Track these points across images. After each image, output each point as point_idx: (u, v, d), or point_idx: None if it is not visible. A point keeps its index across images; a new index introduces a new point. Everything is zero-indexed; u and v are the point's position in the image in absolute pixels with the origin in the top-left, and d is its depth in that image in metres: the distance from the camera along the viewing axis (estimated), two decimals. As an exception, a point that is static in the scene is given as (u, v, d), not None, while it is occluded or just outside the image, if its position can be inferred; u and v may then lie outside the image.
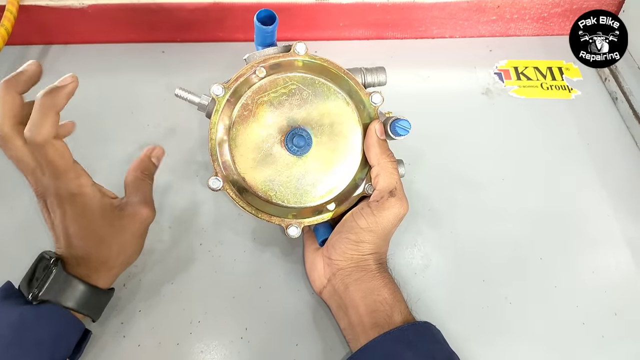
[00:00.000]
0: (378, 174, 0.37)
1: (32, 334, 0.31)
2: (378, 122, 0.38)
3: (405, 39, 0.62)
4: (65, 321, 0.33)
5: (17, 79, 0.32)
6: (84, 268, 0.34)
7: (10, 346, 0.30)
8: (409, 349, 0.33)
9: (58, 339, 0.32)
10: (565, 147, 0.52)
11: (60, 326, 0.32)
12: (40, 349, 0.31)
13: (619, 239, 0.45)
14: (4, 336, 0.30)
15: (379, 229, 0.36)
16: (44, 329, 0.31)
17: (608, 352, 0.39)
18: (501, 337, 0.40)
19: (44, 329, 0.31)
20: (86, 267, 0.34)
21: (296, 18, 0.58)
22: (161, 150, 0.38)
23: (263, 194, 0.37)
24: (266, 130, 0.37)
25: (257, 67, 0.37)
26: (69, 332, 0.33)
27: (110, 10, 0.56)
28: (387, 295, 0.35)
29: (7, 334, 0.30)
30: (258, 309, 0.40)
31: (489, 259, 0.44)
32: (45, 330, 0.31)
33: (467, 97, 0.56)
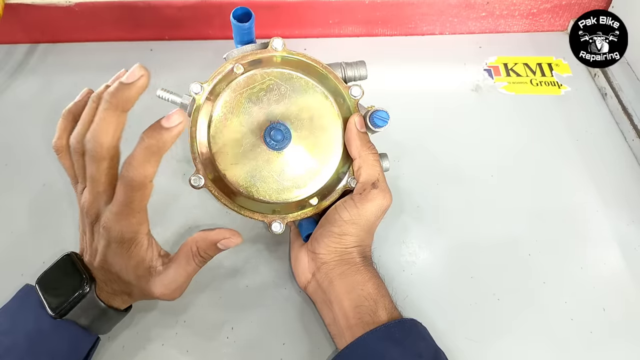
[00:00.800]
0: (360, 167, 0.37)
1: (47, 346, 0.31)
2: (358, 115, 0.38)
3: (395, 36, 0.62)
4: (81, 335, 0.32)
5: (126, 95, 0.28)
6: (109, 290, 0.33)
7: (24, 355, 0.30)
8: (395, 346, 0.32)
9: (72, 352, 0.32)
10: (554, 143, 0.52)
11: (76, 340, 0.32)
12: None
13: (608, 235, 0.45)
14: (19, 345, 0.30)
15: (362, 221, 0.36)
16: (60, 343, 0.31)
17: (597, 348, 0.39)
18: (489, 333, 0.40)
19: (60, 342, 0.31)
20: (111, 290, 0.33)
21: (284, 15, 0.58)
22: (234, 243, 0.33)
23: (245, 190, 0.37)
24: (246, 126, 0.37)
25: (235, 64, 0.37)
26: (83, 344, 0.33)
27: (97, 8, 0.56)
28: (371, 289, 0.35)
29: (22, 344, 0.30)
30: (244, 308, 0.40)
31: (477, 256, 0.44)
32: (60, 343, 0.31)
33: (457, 94, 0.56)
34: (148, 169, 0.28)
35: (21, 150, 0.49)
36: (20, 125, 0.51)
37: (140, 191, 0.29)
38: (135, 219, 0.30)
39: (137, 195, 0.29)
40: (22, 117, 0.52)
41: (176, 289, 0.33)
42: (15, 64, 0.56)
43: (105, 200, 0.30)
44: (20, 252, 0.42)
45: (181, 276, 0.33)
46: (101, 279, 0.33)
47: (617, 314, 0.41)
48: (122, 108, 0.28)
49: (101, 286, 0.33)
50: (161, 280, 0.33)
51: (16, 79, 0.55)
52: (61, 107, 0.51)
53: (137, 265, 0.32)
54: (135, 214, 0.30)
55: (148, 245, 0.33)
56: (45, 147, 0.49)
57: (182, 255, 0.33)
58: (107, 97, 0.28)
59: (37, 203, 0.45)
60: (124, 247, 0.31)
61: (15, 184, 0.47)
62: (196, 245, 0.33)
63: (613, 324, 0.40)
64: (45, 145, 0.49)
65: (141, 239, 0.32)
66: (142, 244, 0.32)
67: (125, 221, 0.30)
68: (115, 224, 0.30)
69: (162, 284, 0.33)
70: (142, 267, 0.33)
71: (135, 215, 0.30)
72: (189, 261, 0.33)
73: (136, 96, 0.28)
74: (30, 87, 0.54)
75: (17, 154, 0.49)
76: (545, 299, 0.41)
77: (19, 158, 0.48)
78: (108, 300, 0.33)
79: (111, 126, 0.28)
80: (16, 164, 0.48)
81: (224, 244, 0.33)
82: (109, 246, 0.31)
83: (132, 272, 0.32)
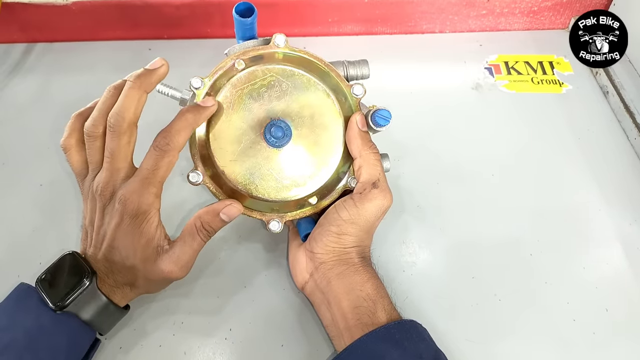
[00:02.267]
0: (360, 166, 0.37)
1: (47, 341, 0.31)
2: (359, 113, 0.37)
3: (395, 34, 0.61)
4: (81, 331, 0.32)
5: (149, 79, 0.33)
6: (111, 283, 0.34)
7: (24, 351, 0.30)
8: (395, 347, 0.32)
9: (72, 348, 0.32)
10: (555, 141, 0.51)
11: (75, 336, 0.32)
12: (54, 356, 0.31)
13: (610, 234, 0.45)
14: (18, 340, 0.30)
15: (361, 221, 0.35)
16: (60, 338, 0.31)
17: (599, 349, 0.39)
18: (491, 334, 0.39)
19: (60, 337, 0.31)
20: (113, 283, 0.34)
21: (284, 13, 0.58)
22: (236, 209, 0.35)
23: (243, 187, 0.36)
24: (246, 122, 0.36)
25: (236, 60, 0.36)
26: (83, 341, 0.33)
27: (94, 7, 0.55)
28: (370, 290, 0.35)
29: (22, 339, 0.30)
30: (243, 309, 0.40)
31: (478, 256, 0.43)
32: (60, 338, 0.31)
33: (458, 92, 0.56)
34: (182, 137, 0.33)
35: (19, 150, 0.49)
36: (18, 125, 0.51)
37: (169, 158, 0.32)
38: (155, 189, 0.33)
39: (165, 162, 0.32)
40: (20, 116, 0.52)
41: (183, 266, 0.34)
42: (12, 63, 0.56)
43: (122, 176, 0.33)
44: (17, 253, 0.42)
45: (187, 253, 0.34)
46: (103, 272, 0.33)
47: (620, 314, 0.40)
48: (145, 89, 0.33)
49: (103, 279, 0.33)
50: (169, 258, 0.34)
51: (13, 78, 0.55)
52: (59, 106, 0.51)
53: (146, 244, 0.33)
54: (157, 183, 0.33)
55: (158, 224, 0.34)
56: (43, 147, 0.49)
57: (187, 232, 0.35)
58: (132, 79, 0.33)
59: (35, 203, 0.45)
60: (137, 222, 0.33)
61: (12, 184, 0.46)
62: (200, 221, 0.35)
63: (616, 325, 0.40)
64: (43, 145, 0.49)
65: (153, 214, 0.33)
66: (154, 221, 0.33)
67: (146, 190, 0.32)
68: (133, 194, 0.32)
69: (169, 261, 0.34)
70: (150, 247, 0.34)
71: (156, 185, 0.33)
72: (194, 237, 0.34)
73: (157, 80, 0.34)
74: (28, 87, 0.54)
75: (14, 154, 0.48)
76: (547, 300, 0.41)
77: (16, 158, 0.48)
78: (109, 294, 0.33)
79: (133, 103, 0.32)
80: (14, 164, 0.48)
81: (226, 213, 0.34)
82: (121, 224, 0.33)
83: (139, 253, 0.33)
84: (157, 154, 0.32)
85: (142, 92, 0.33)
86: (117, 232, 0.33)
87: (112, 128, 0.32)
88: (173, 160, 0.33)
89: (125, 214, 0.32)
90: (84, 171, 0.35)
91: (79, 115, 0.35)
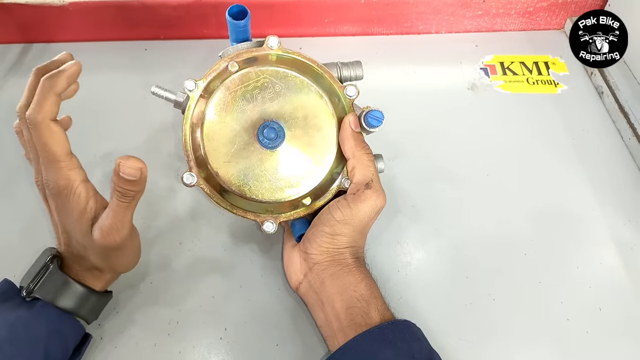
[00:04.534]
0: (354, 167, 0.37)
1: (26, 331, 0.31)
2: (352, 114, 0.38)
3: (391, 35, 0.61)
4: (60, 320, 0.33)
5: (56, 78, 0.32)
6: (78, 268, 0.34)
7: (4, 343, 0.30)
8: (388, 348, 0.32)
9: (52, 336, 0.32)
10: (550, 141, 0.51)
11: (54, 324, 0.32)
12: (34, 346, 0.31)
13: (604, 234, 0.45)
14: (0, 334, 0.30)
15: (355, 222, 0.36)
16: (38, 326, 0.31)
17: (593, 348, 0.39)
18: (485, 334, 0.39)
19: (38, 326, 0.31)
20: (80, 268, 0.34)
21: (280, 14, 0.58)
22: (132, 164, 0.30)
23: (237, 188, 0.36)
24: (239, 124, 0.37)
25: (229, 62, 0.37)
26: (65, 331, 0.33)
27: (91, 8, 0.55)
28: (363, 291, 0.35)
29: (2, 332, 0.31)
30: (238, 308, 0.40)
31: (473, 256, 0.43)
32: (39, 327, 0.31)
33: (453, 93, 0.56)
34: (44, 106, 0.31)
35: (14, 151, 0.49)
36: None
37: (46, 131, 0.31)
38: (62, 162, 0.32)
39: (46, 134, 0.31)
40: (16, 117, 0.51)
41: (110, 231, 0.32)
42: (9, 63, 0.56)
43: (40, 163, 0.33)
44: (11, 253, 0.42)
45: (110, 217, 0.32)
46: (69, 258, 0.34)
47: (613, 314, 0.40)
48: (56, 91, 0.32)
49: (69, 264, 0.34)
50: (97, 225, 0.32)
51: (10, 78, 0.55)
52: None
53: (79, 217, 0.32)
54: (58, 158, 0.32)
55: (88, 195, 0.33)
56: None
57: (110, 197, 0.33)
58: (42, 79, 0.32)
59: (31, 204, 0.45)
60: (63, 199, 0.32)
61: (8, 184, 0.46)
62: (112, 183, 0.32)
63: (609, 324, 0.40)
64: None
65: (77, 186, 0.32)
66: (80, 193, 0.32)
67: (53, 167, 0.32)
68: (47, 174, 0.32)
69: (97, 228, 0.32)
70: (84, 219, 0.32)
71: (59, 158, 0.32)
72: (112, 199, 0.32)
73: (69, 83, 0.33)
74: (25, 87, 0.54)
75: (10, 155, 0.48)
76: (541, 299, 0.41)
77: (12, 158, 0.48)
78: (81, 279, 0.34)
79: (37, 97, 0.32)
80: (9, 164, 0.48)
81: (122, 171, 0.30)
82: (56, 206, 0.33)
83: (77, 228, 0.32)
84: (34, 133, 0.31)
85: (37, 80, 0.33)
86: (59, 216, 0.34)
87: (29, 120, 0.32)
88: (53, 130, 0.31)
89: (54, 196, 0.33)
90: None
91: None
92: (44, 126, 0.31)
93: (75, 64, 0.33)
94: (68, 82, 0.32)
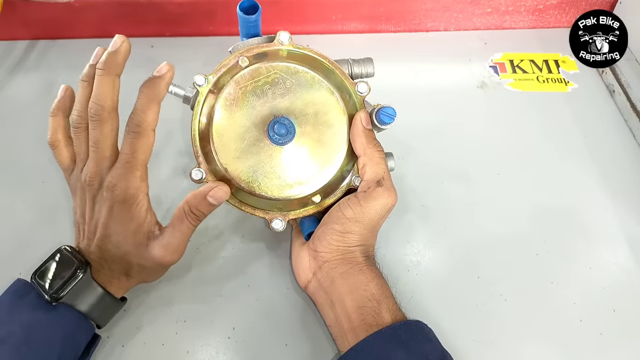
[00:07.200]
0: (365, 164, 0.36)
1: (42, 334, 0.31)
2: (364, 111, 0.37)
3: (399, 32, 0.61)
4: (77, 323, 0.32)
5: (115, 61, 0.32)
6: (107, 273, 0.34)
7: (20, 344, 0.30)
8: (401, 348, 0.32)
9: (68, 340, 0.32)
10: (561, 140, 0.51)
11: (71, 328, 0.32)
12: (49, 349, 0.31)
13: (617, 234, 0.44)
14: (14, 334, 0.30)
15: (365, 220, 0.35)
16: (55, 330, 0.31)
17: (606, 350, 0.38)
18: (496, 335, 0.39)
19: (55, 329, 0.31)
20: (109, 273, 0.34)
21: (287, 11, 0.58)
22: (223, 192, 0.34)
23: (246, 185, 0.36)
24: (249, 120, 0.36)
25: (239, 57, 0.36)
26: (79, 334, 0.33)
27: (97, 4, 0.55)
28: (374, 290, 0.34)
29: (18, 332, 0.30)
30: (246, 307, 0.39)
31: (484, 255, 0.43)
32: (56, 331, 0.31)
33: (462, 91, 0.55)
34: (149, 115, 0.32)
35: (21, 147, 0.48)
36: (20, 122, 0.50)
37: (144, 139, 0.32)
38: (139, 172, 0.33)
39: (141, 143, 0.32)
40: (22, 113, 0.51)
41: (174, 251, 0.34)
42: (15, 60, 0.56)
43: (108, 164, 0.33)
44: (19, 250, 0.42)
45: (177, 237, 0.34)
46: (98, 262, 0.34)
47: (627, 315, 0.40)
48: (115, 72, 0.32)
49: (98, 269, 0.34)
50: (159, 242, 0.34)
51: (16, 75, 0.55)
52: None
53: (137, 229, 0.33)
54: (139, 166, 0.32)
55: (148, 208, 0.34)
56: (46, 144, 0.48)
57: (176, 217, 0.35)
58: (100, 66, 0.32)
59: (37, 201, 0.45)
60: (126, 207, 0.33)
61: (15, 181, 0.46)
62: (188, 205, 0.34)
63: (623, 326, 0.39)
64: (45, 142, 0.48)
65: (142, 198, 0.33)
66: (143, 204, 0.33)
67: (130, 174, 0.32)
68: (120, 179, 0.32)
69: (160, 245, 0.34)
70: (141, 232, 0.34)
71: (139, 168, 0.33)
72: (183, 221, 0.34)
73: (123, 60, 0.33)
74: (31, 84, 0.54)
75: (17, 151, 0.48)
76: (554, 300, 0.40)
77: (19, 155, 0.48)
78: (105, 285, 0.34)
79: (109, 89, 0.32)
80: (16, 161, 0.47)
81: (213, 196, 0.34)
82: (112, 210, 0.33)
83: (131, 239, 0.33)
84: (132, 137, 0.32)
85: (113, 76, 0.32)
86: (109, 220, 0.33)
87: (93, 117, 0.32)
88: (149, 140, 0.32)
89: (114, 200, 0.33)
90: (71, 166, 0.35)
91: (57, 110, 0.35)
92: (145, 134, 0.32)
93: (169, 69, 0.33)
94: (167, 89, 0.33)
